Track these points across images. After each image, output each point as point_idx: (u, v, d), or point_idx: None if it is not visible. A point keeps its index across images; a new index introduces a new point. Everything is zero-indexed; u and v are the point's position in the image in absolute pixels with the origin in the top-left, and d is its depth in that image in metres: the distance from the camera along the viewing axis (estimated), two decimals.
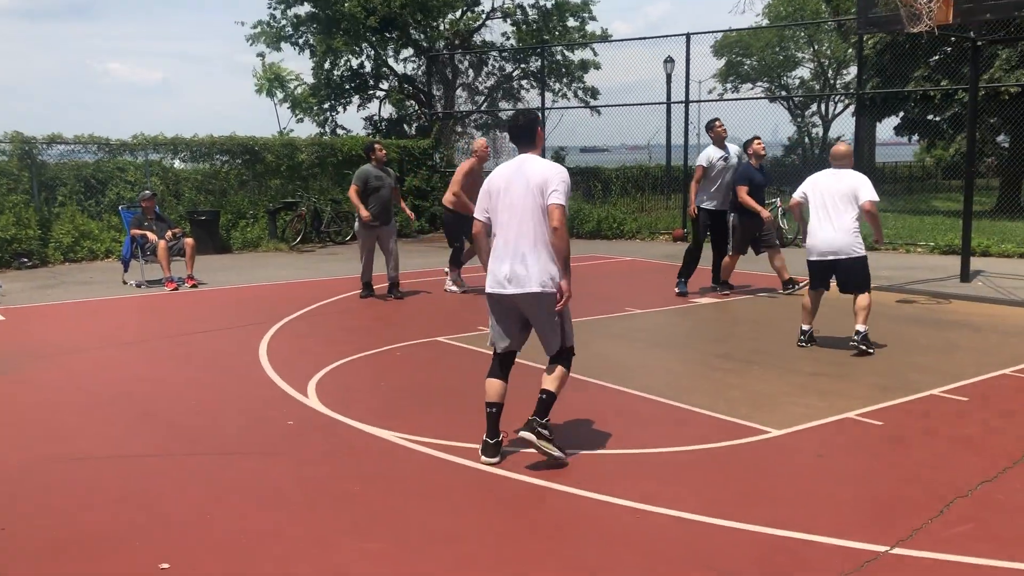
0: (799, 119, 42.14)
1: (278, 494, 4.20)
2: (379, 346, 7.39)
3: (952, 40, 17.32)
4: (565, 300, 4.48)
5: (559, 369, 4.59)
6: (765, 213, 9.40)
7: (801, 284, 9.20)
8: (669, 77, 26.30)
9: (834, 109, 42.19)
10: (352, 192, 9.70)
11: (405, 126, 25.66)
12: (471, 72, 26.71)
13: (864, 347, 6.85)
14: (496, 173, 4.68)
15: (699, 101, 18.66)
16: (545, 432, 4.46)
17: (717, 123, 9.71)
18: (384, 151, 9.98)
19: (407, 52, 25.47)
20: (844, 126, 48.05)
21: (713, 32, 41.76)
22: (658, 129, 18.19)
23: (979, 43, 10.38)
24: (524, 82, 27.12)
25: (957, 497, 4.05)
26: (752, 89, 44.38)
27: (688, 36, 15.77)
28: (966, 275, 10.37)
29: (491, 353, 4.76)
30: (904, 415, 5.36)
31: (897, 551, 3.52)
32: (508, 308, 4.59)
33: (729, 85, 44.26)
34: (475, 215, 4.74)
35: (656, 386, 6.02)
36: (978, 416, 5.34)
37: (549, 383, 4.56)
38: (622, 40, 27.73)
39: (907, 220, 17.19)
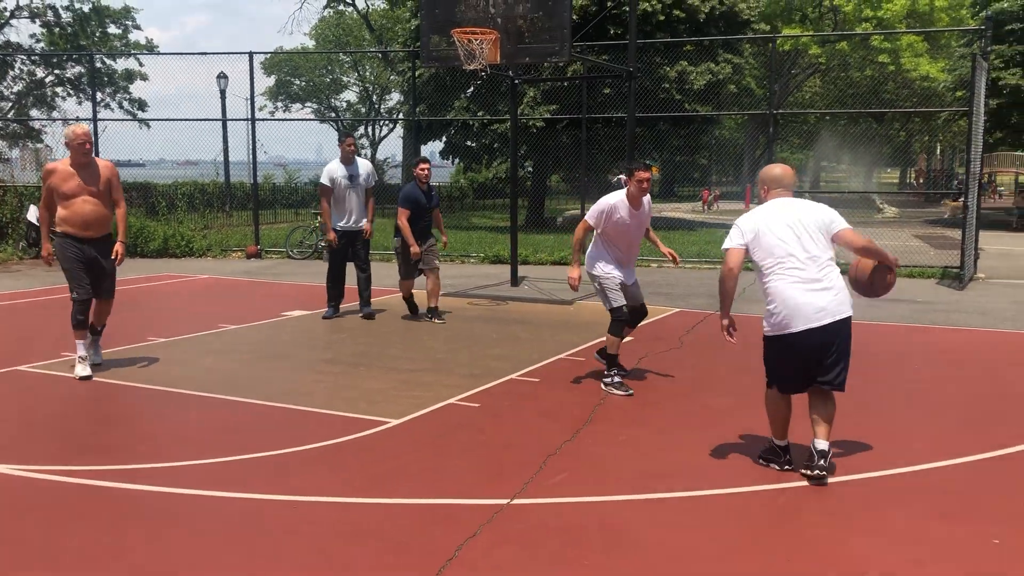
0: None
1: None
2: None
3: (483, 75, 19.78)
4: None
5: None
6: (415, 249, 8.89)
7: (443, 315, 9.20)
8: (223, 93, 26.03)
9: (380, 132, 44.87)
10: None
11: None
12: None
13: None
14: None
15: (264, 120, 18.82)
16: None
17: (347, 140, 9.40)
18: None
19: None
20: (390, 148, 51.24)
21: (281, 53, 41.74)
22: (218, 146, 18.02)
23: (516, 81, 12.15)
24: (60, 89, 24.88)
25: (549, 455, 4.98)
26: (303, 109, 45.33)
27: (251, 55, 15.90)
28: (515, 280, 12.04)
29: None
30: (494, 397, 6.29)
31: (516, 502, 4.28)
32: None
33: (280, 104, 44.82)
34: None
35: (276, 394, 6.27)
36: (550, 392, 6.47)
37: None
38: (186, 54, 26.83)
39: (457, 234, 19.11)
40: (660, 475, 4.67)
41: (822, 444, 4.51)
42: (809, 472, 4.51)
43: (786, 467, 4.70)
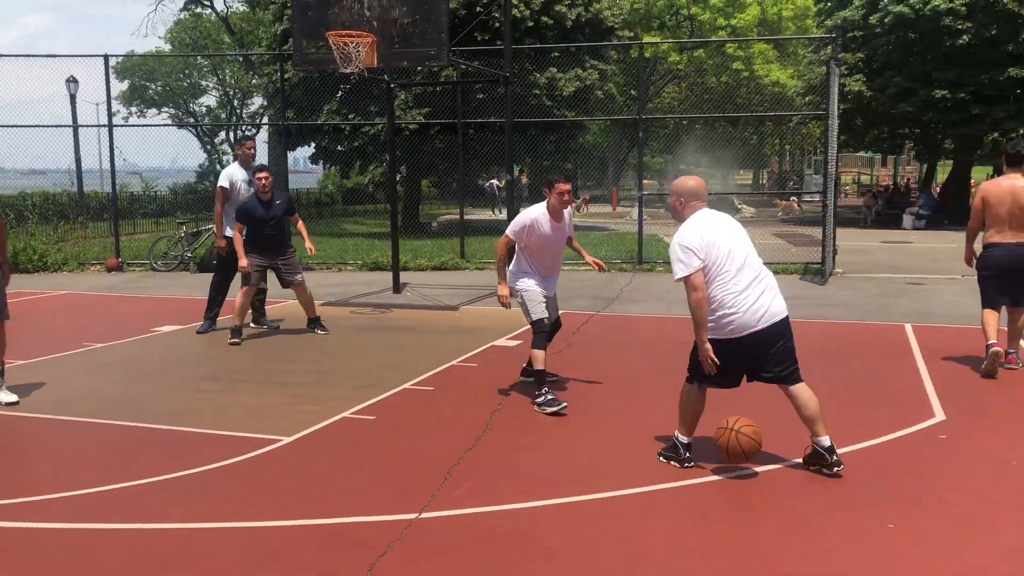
0: (209, 146, 42.53)
1: None
2: None
3: (354, 79, 19.42)
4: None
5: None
6: (243, 263, 8.50)
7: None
8: (73, 98, 24.62)
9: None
10: None
11: None
12: None
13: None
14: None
15: (120, 126, 17.86)
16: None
17: (247, 143, 9.14)
18: None
19: None
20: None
21: (138, 56, 39.56)
22: (77, 153, 16.98)
23: (392, 85, 11.98)
24: None
25: (453, 465, 4.89)
26: (159, 114, 43.39)
27: (106, 57, 15.07)
28: (397, 287, 11.86)
29: None
30: (389, 408, 6.14)
31: (425, 515, 4.18)
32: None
33: (135, 109, 42.74)
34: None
35: (157, 415, 5.92)
36: (445, 400, 6.37)
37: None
38: (33, 56, 25.13)
39: (332, 242, 18.71)
40: (564, 479, 4.66)
41: (825, 441, 4.68)
42: (829, 471, 4.65)
43: (687, 464, 4.79)
